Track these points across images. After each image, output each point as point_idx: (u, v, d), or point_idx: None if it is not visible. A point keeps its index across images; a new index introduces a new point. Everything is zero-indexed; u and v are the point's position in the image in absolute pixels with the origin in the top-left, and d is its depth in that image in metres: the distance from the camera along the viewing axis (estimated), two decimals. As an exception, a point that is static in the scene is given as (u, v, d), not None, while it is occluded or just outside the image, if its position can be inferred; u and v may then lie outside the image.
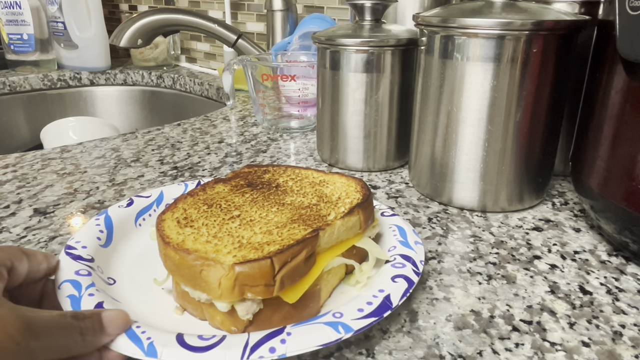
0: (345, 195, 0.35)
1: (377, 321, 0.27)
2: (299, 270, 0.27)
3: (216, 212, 0.32)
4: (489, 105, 0.42)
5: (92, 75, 1.19)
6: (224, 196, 0.35)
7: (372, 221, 0.35)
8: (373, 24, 0.53)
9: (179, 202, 0.34)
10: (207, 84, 1.08)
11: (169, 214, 0.32)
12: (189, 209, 0.33)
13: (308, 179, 0.38)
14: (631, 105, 0.34)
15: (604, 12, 0.39)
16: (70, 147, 0.63)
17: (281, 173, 0.39)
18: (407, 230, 0.36)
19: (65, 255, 0.32)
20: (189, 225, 0.31)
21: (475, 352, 0.28)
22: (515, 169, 0.44)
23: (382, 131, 0.54)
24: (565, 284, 0.35)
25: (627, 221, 0.36)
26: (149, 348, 0.24)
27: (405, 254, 0.33)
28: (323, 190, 0.36)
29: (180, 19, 0.95)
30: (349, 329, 0.26)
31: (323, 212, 0.32)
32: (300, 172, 0.39)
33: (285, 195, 0.35)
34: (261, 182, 0.37)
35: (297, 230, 0.30)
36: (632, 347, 0.29)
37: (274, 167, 0.40)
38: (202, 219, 0.31)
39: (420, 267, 0.32)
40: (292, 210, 0.33)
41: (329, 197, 0.35)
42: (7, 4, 1.10)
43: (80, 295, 0.28)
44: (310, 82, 0.67)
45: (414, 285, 0.30)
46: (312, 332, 0.25)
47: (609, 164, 0.37)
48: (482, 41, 0.41)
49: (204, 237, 0.29)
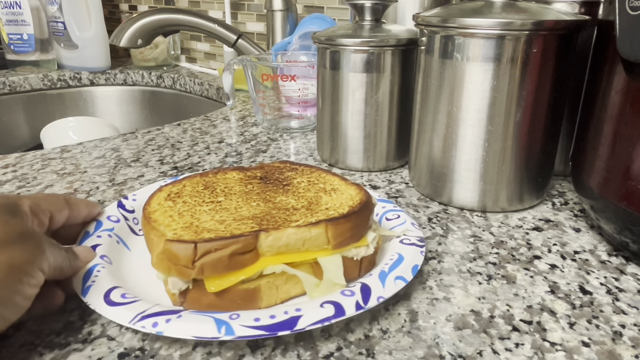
0: (338, 206, 0.33)
1: (263, 336, 0.26)
2: (222, 263, 0.28)
3: (205, 194, 0.34)
4: (489, 105, 0.42)
5: (92, 75, 1.19)
6: (229, 183, 0.36)
7: (354, 241, 0.32)
8: (373, 24, 0.53)
9: (186, 179, 0.37)
10: (207, 84, 1.08)
11: (170, 186, 0.36)
12: (188, 186, 0.35)
13: (324, 184, 0.36)
14: (631, 105, 0.34)
15: (604, 12, 0.39)
16: (70, 147, 0.63)
17: (305, 173, 0.38)
18: (407, 256, 0.33)
19: (117, 202, 0.39)
20: (172, 199, 0.34)
21: (475, 352, 0.28)
22: (515, 169, 0.44)
23: (382, 131, 0.54)
24: (565, 284, 0.35)
25: (627, 221, 0.36)
26: (85, 290, 0.29)
27: (367, 285, 0.30)
28: (323, 197, 0.35)
29: (180, 19, 0.95)
30: (230, 332, 0.26)
31: (293, 218, 0.31)
32: (324, 176, 0.38)
33: (281, 194, 0.35)
34: (277, 178, 0.37)
35: (245, 226, 0.30)
36: (632, 347, 0.29)
37: (305, 167, 0.39)
38: (187, 197, 0.34)
39: (369, 303, 0.29)
40: (267, 209, 0.32)
41: (320, 205, 0.33)
42: (7, 4, 1.10)
43: (90, 234, 0.34)
44: (310, 82, 0.67)
45: (331, 320, 0.27)
46: (195, 323, 0.26)
47: (609, 164, 0.37)
48: (482, 41, 0.41)
49: (173, 212, 0.32)
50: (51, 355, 0.27)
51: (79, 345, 0.28)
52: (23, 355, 0.27)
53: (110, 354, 0.27)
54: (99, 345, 0.28)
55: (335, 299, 0.28)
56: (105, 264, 0.32)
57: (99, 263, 0.32)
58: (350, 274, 0.32)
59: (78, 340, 0.28)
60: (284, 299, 0.31)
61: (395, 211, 0.39)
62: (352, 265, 0.32)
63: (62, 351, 0.28)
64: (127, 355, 0.27)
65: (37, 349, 0.28)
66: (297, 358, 0.27)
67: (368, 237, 0.33)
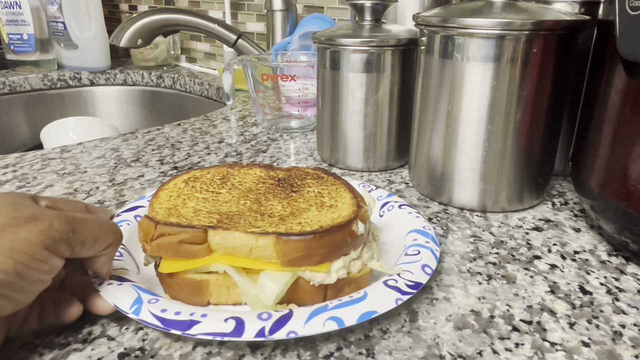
0: (313, 223, 0.30)
1: (157, 327, 0.27)
2: (171, 248, 0.29)
3: (215, 184, 0.35)
4: (489, 105, 0.42)
5: (92, 75, 1.19)
6: (245, 178, 0.36)
7: (310, 264, 0.29)
8: (373, 24, 0.53)
9: (215, 167, 0.38)
10: (207, 84, 1.08)
11: (198, 171, 0.37)
12: (210, 174, 0.37)
13: (329, 198, 0.34)
14: (631, 105, 0.34)
15: (604, 12, 0.39)
16: (70, 147, 0.63)
17: (324, 184, 0.36)
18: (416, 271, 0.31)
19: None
20: (187, 182, 0.35)
21: (475, 352, 0.28)
22: (515, 169, 0.44)
23: (382, 131, 0.54)
24: (565, 284, 0.35)
25: (627, 221, 0.36)
26: None
27: (291, 315, 0.27)
28: (311, 211, 0.32)
29: (180, 19, 0.95)
30: (137, 312, 0.27)
31: (258, 223, 0.30)
32: (339, 191, 0.35)
33: (278, 199, 0.34)
34: (293, 183, 0.36)
35: (206, 220, 0.30)
36: (632, 347, 0.29)
37: (332, 177, 0.37)
38: (199, 183, 0.35)
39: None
40: (246, 209, 0.32)
41: (298, 217, 0.31)
42: (7, 4, 1.10)
43: None
44: (310, 82, 0.67)
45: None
46: (121, 293, 0.29)
47: (609, 164, 0.37)
48: (482, 41, 0.41)
49: (176, 193, 0.34)
50: (51, 355, 0.27)
51: (79, 345, 0.28)
52: (23, 355, 0.27)
53: (110, 354, 0.27)
54: (99, 345, 0.28)
55: (248, 317, 0.27)
56: None
57: None
58: (309, 298, 0.30)
59: (78, 340, 0.28)
60: (237, 301, 0.31)
61: (417, 246, 0.34)
62: (311, 289, 0.30)
63: (62, 351, 0.28)
64: (127, 355, 0.27)
65: (37, 349, 0.28)
66: (297, 358, 0.27)
67: (334, 264, 0.30)
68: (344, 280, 0.30)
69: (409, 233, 0.37)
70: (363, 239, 0.31)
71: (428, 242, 0.35)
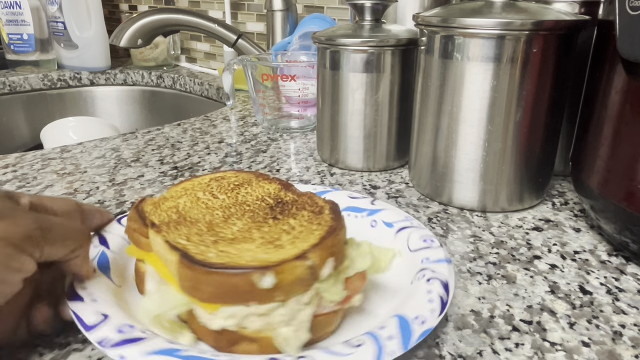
0: (237, 256, 0.26)
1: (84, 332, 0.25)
2: (129, 231, 0.31)
3: (224, 189, 0.34)
4: (489, 105, 0.42)
5: (92, 75, 1.19)
6: (254, 190, 0.34)
7: (198, 299, 0.26)
8: (373, 24, 0.53)
9: (245, 173, 0.37)
10: (207, 84, 1.08)
11: (230, 172, 0.37)
12: (235, 178, 0.36)
13: (293, 235, 0.28)
14: (631, 105, 0.34)
15: (604, 12, 0.39)
16: (70, 147, 0.63)
17: (312, 221, 0.30)
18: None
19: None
20: (210, 183, 0.35)
21: (475, 352, 0.28)
22: (515, 169, 0.44)
23: (382, 131, 0.54)
24: (565, 284, 0.35)
25: (627, 221, 0.36)
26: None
27: None
28: (256, 242, 0.27)
29: (180, 19, 0.95)
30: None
31: (192, 237, 0.28)
32: (315, 235, 0.28)
33: (251, 222, 0.30)
34: (286, 210, 0.31)
35: (163, 217, 0.30)
36: (632, 347, 0.29)
37: (333, 217, 0.30)
38: (214, 185, 0.35)
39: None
40: (212, 219, 0.30)
41: (237, 244, 0.27)
42: (7, 4, 1.10)
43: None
44: (310, 82, 0.67)
45: None
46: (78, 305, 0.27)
47: (609, 164, 0.37)
48: (482, 41, 0.41)
49: (189, 188, 0.34)
50: (51, 355, 0.27)
51: (79, 345, 0.28)
52: (23, 355, 0.27)
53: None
54: (99, 345, 0.28)
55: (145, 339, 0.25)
56: None
57: None
58: (203, 336, 0.27)
59: (78, 340, 0.28)
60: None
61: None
62: (203, 327, 0.26)
63: (62, 351, 0.28)
64: (127, 355, 0.27)
65: (37, 349, 0.28)
66: (297, 358, 0.27)
67: (223, 310, 0.25)
68: (238, 335, 0.26)
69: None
70: (275, 296, 0.25)
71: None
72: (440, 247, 0.33)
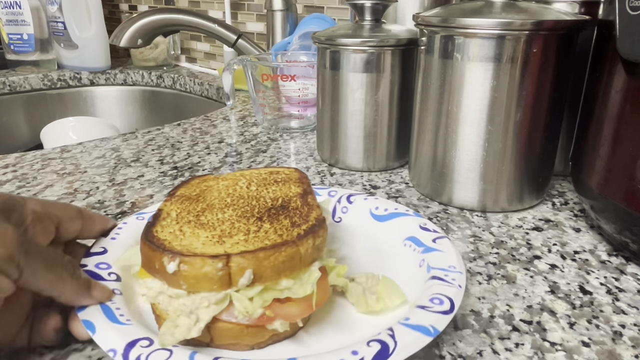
0: (186, 243, 0.27)
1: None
2: None
3: (262, 183, 0.35)
4: (489, 105, 0.42)
5: (92, 75, 1.19)
6: (280, 189, 0.34)
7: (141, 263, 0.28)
8: (373, 24, 0.53)
9: (291, 170, 0.38)
10: (207, 84, 1.08)
11: (281, 169, 0.38)
12: (276, 174, 0.37)
13: (259, 227, 0.29)
14: (631, 105, 0.34)
15: (604, 12, 0.39)
16: (70, 147, 0.63)
17: (294, 219, 0.30)
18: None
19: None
20: (250, 177, 0.36)
21: (475, 352, 0.28)
22: (515, 169, 0.44)
23: (382, 131, 0.54)
24: (565, 284, 0.35)
25: (627, 221, 0.36)
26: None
27: None
28: (221, 227, 0.29)
29: (180, 19, 0.95)
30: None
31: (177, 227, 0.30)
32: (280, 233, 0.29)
33: (240, 216, 0.30)
34: (281, 213, 0.31)
35: (178, 205, 0.32)
36: (632, 347, 0.29)
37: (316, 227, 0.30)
38: (259, 174, 0.37)
39: None
40: (225, 202, 0.32)
41: (204, 227, 0.29)
42: (7, 4, 1.10)
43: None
44: (310, 82, 0.67)
45: None
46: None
47: (609, 164, 0.37)
48: (482, 41, 0.41)
49: (238, 176, 0.36)
50: (51, 355, 0.27)
51: (79, 345, 0.28)
52: (23, 355, 0.27)
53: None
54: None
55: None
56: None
57: None
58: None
59: (78, 340, 0.28)
60: None
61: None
62: None
63: (62, 351, 0.28)
64: (127, 355, 0.27)
65: (37, 349, 0.28)
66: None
67: (147, 282, 0.28)
68: (154, 309, 0.28)
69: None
70: (180, 284, 0.26)
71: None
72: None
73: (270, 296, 0.26)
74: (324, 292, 0.28)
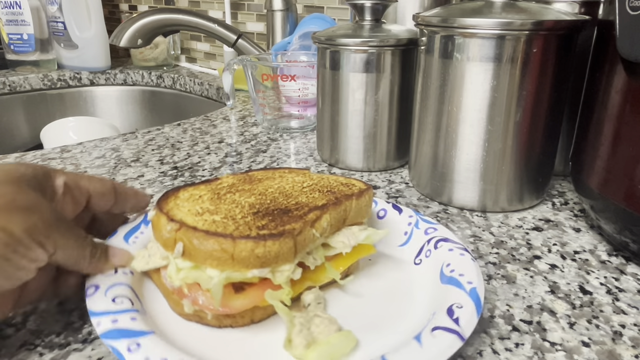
0: (188, 209, 0.30)
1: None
2: None
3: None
4: (489, 105, 0.42)
5: (92, 75, 1.19)
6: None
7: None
8: (373, 24, 0.53)
9: (320, 177, 0.37)
10: (207, 84, 1.08)
11: (312, 175, 0.37)
12: (305, 176, 0.37)
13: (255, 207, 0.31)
14: (631, 105, 0.34)
15: (604, 12, 0.39)
16: (70, 147, 0.63)
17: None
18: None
19: None
20: (278, 175, 0.37)
21: (476, 352, 0.28)
22: (515, 169, 0.44)
23: (382, 131, 0.54)
24: (565, 284, 0.35)
25: (627, 221, 0.36)
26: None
27: None
28: (225, 206, 0.31)
29: (180, 19, 0.95)
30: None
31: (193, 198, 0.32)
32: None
33: (255, 195, 0.32)
34: (285, 207, 0.31)
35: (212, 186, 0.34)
36: (632, 347, 0.29)
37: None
38: (301, 177, 0.37)
39: None
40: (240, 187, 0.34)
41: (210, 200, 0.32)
42: (7, 4, 1.10)
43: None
44: (310, 82, 0.67)
45: None
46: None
47: (609, 164, 0.37)
48: (482, 41, 0.41)
49: (270, 172, 0.37)
50: (51, 355, 0.27)
51: (79, 345, 0.28)
52: (23, 355, 0.27)
53: (110, 354, 0.27)
54: (99, 345, 0.28)
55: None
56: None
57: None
58: None
59: (78, 340, 0.28)
60: None
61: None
62: None
63: (62, 351, 0.28)
64: (127, 355, 0.27)
65: (37, 349, 0.28)
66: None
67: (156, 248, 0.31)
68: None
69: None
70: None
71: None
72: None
73: (194, 276, 0.28)
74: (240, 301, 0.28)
